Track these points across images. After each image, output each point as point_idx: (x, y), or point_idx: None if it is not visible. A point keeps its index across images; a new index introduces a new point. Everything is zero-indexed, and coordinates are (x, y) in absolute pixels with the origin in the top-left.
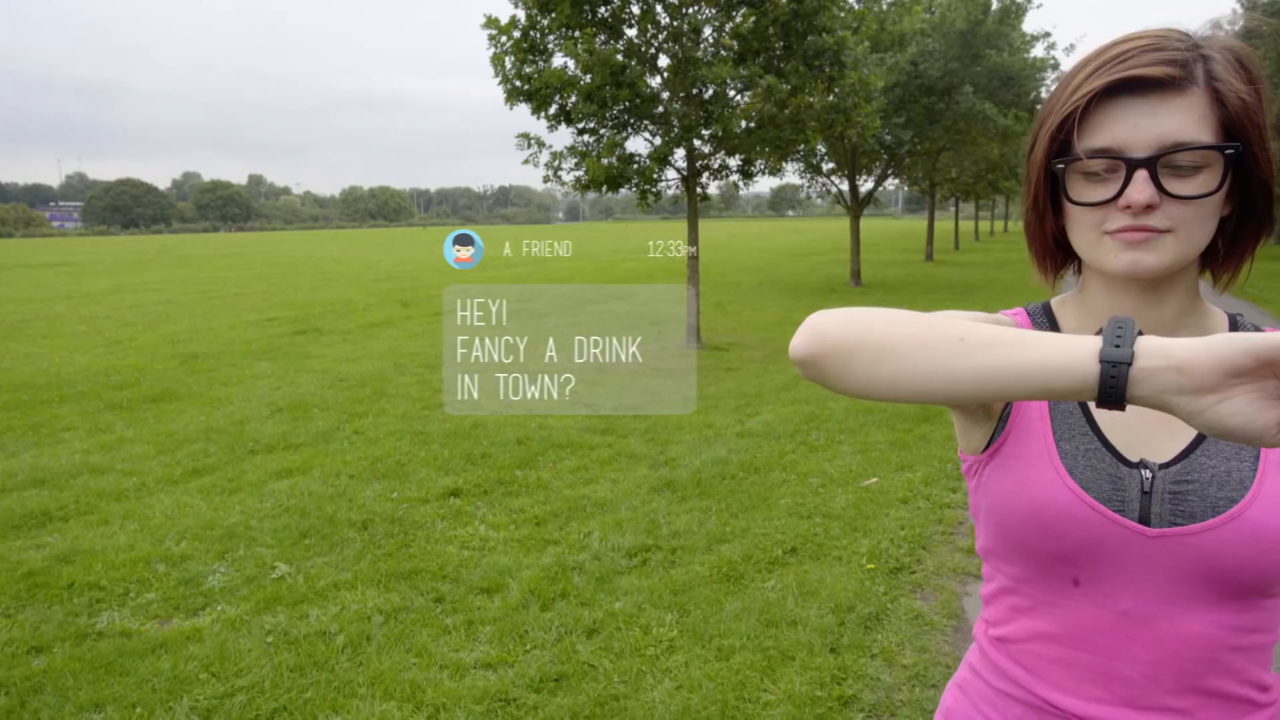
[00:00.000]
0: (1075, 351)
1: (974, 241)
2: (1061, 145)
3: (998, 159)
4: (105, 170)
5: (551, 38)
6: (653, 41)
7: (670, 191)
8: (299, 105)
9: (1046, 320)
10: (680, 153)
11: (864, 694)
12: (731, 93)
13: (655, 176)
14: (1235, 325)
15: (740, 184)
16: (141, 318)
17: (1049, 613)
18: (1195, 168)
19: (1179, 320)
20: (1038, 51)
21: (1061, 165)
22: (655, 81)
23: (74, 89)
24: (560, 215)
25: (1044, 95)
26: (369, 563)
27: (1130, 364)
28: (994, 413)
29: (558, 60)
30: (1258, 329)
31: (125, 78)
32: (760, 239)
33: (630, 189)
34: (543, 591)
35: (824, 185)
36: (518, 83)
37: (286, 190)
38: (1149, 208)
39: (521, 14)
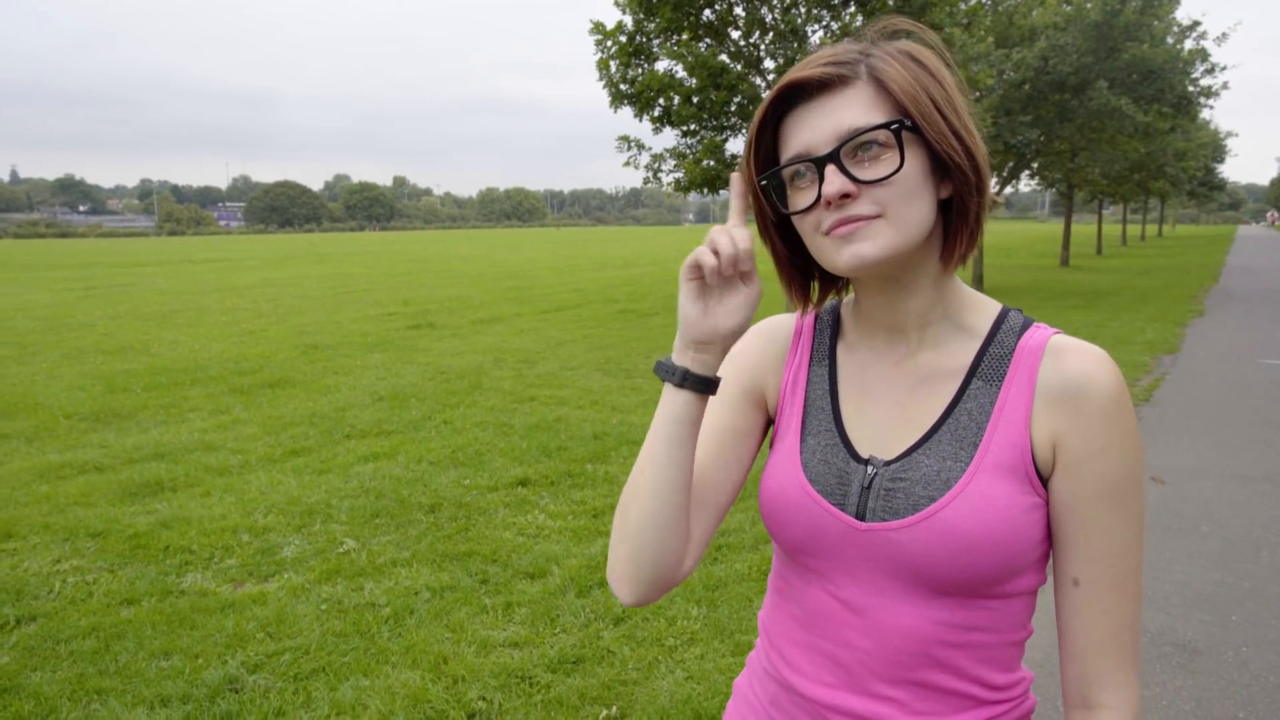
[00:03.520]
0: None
1: (1121, 246)
2: (765, 164)
3: (1142, 158)
4: (266, 172)
5: (655, 42)
6: (758, 45)
7: None
8: (435, 109)
9: (831, 317)
10: None
11: None
12: None
13: None
14: (1004, 317)
15: None
16: (276, 310)
17: (795, 597)
18: (880, 150)
19: (931, 312)
20: (1187, 44)
21: (764, 181)
22: (759, 83)
23: (236, 97)
24: (690, 217)
25: (1190, 89)
26: (428, 543)
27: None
28: (764, 404)
29: (662, 64)
30: (1029, 322)
31: (279, 86)
32: None
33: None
34: (582, 579)
35: None
36: (622, 86)
37: (428, 191)
38: (846, 196)
39: (628, 19)
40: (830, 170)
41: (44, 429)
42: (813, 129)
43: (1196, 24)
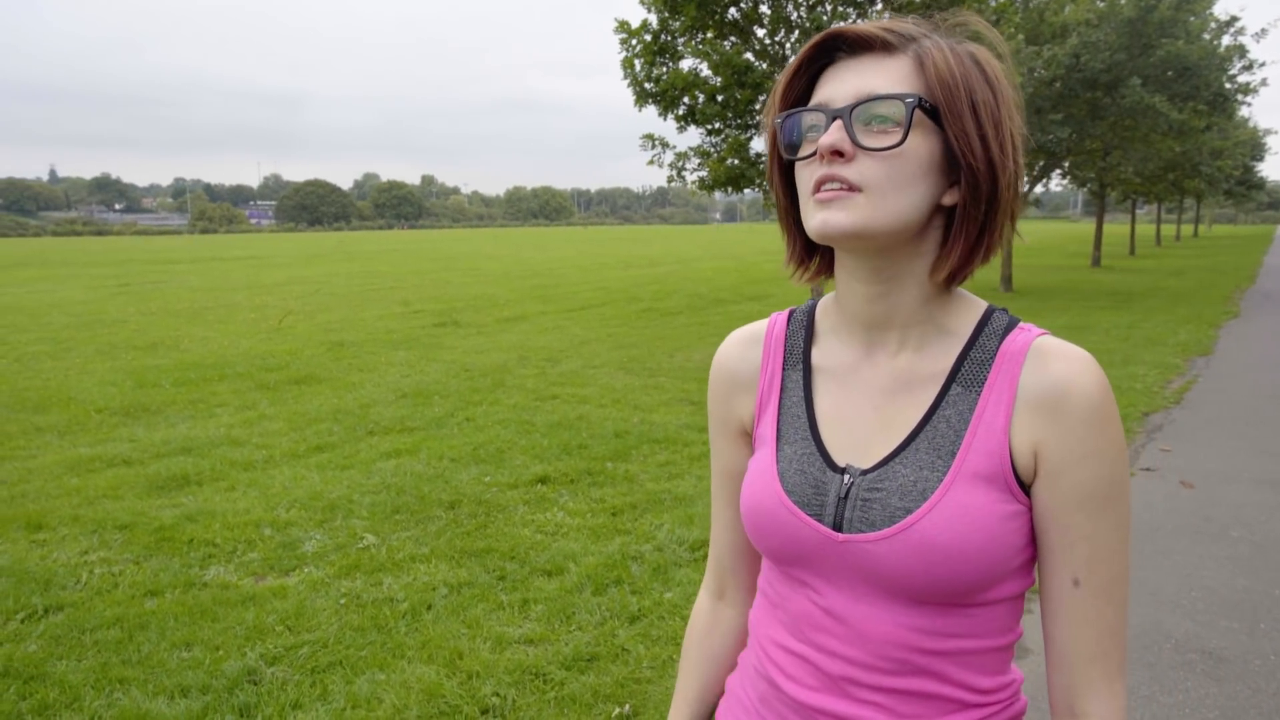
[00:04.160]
0: None
1: (1155, 246)
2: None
3: (1177, 157)
4: (297, 171)
5: (680, 40)
6: (783, 43)
7: None
8: (463, 109)
9: (806, 319)
10: None
11: None
12: None
13: None
14: (988, 318)
15: None
16: (304, 307)
17: (780, 602)
18: (894, 128)
19: (915, 314)
20: (1224, 40)
21: (779, 120)
22: None
23: (267, 98)
24: (717, 216)
25: (1228, 86)
26: (447, 540)
27: None
28: (748, 431)
29: (686, 63)
30: (1015, 323)
31: (309, 87)
32: None
33: (755, 190)
34: (599, 577)
35: None
36: (647, 85)
37: (456, 190)
38: (838, 153)
39: (653, 17)
40: (835, 126)
41: (76, 423)
42: (841, 84)
43: (1234, 19)
